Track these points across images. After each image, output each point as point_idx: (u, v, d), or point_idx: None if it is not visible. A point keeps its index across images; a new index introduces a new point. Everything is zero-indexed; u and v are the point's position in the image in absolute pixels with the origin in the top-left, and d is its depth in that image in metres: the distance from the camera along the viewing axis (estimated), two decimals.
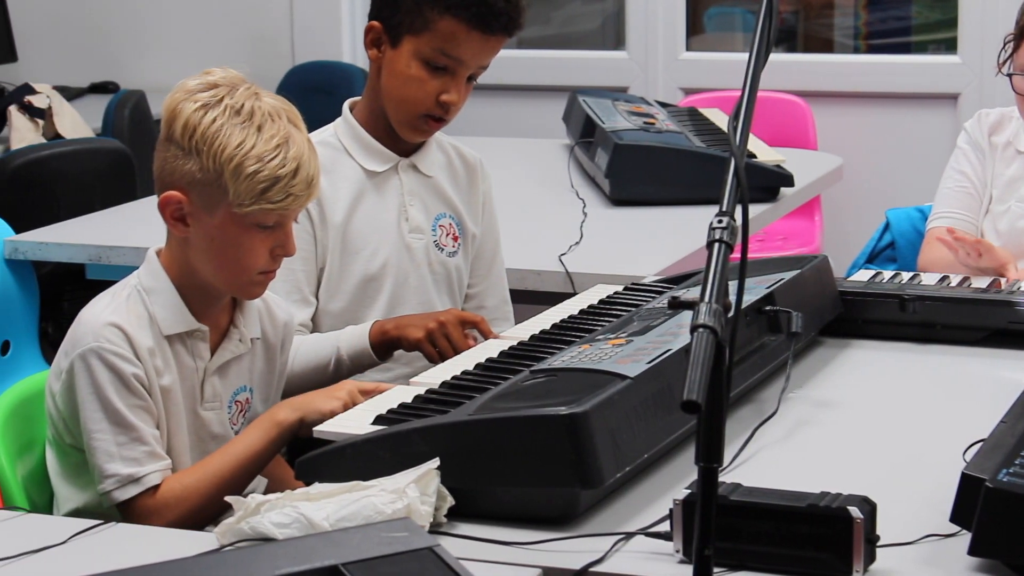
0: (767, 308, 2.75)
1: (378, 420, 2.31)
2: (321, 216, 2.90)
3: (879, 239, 3.90)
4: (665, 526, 2.05)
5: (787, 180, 4.27)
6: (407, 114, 2.92)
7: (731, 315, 1.72)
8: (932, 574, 1.98)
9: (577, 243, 3.70)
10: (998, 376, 2.83)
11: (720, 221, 1.78)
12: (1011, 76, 3.55)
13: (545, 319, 2.82)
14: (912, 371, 2.88)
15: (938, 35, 6.23)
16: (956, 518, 2.03)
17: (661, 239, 3.81)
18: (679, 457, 2.37)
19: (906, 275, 3.18)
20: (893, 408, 2.68)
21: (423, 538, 1.80)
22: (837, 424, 2.58)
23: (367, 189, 2.96)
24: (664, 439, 2.30)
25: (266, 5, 6.56)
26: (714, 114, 4.91)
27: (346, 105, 3.02)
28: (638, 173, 4.18)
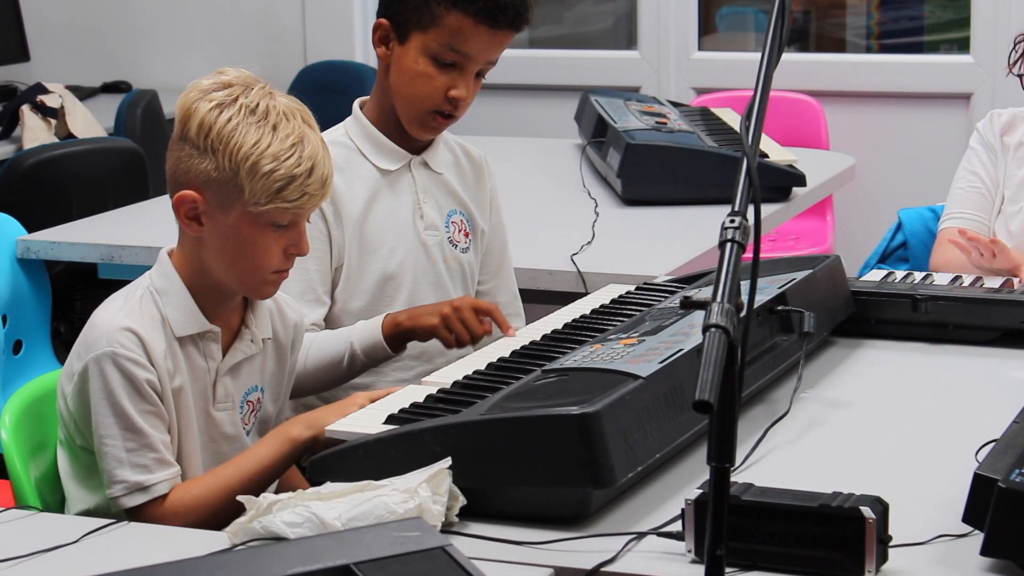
0: (779, 308, 2.74)
1: (390, 420, 2.31)
2: (336, 215, 2.90)
3: (891, 239, 3.89)
4: (677, 526, 2.05)
5: (799, 180, 4.27)
6: (416, 111, 2.92)
7: (743, 315, 1.72)
8: (944, 574, 1.98)
9: (589, 243, 3.70)
10: (1010, 376, 2.82)
11: (732, 221, 1.77)
12: (1021, 76, 3.55)
13: (557, 319, 2.82)
14: (924, 371, 2.87)
15: (951, 35, 6.22)
16: (968, 518, 2.03)
17: (673, 239, 3.81)
18: (691, 457, 2.37)
19: (918, 275, 3.18)
20: (905, 408, 2.68)
21: (435, 538, 1.80)
22: (849, 424, 2.57)
23: (381, 188, 2.96)
24: (676, 439, 2.30)
25: (278, 4, 6.55)
26: (726, 114, 4.90)
27: (356, 104, 3.02)
28: (650, 173, 4.18)
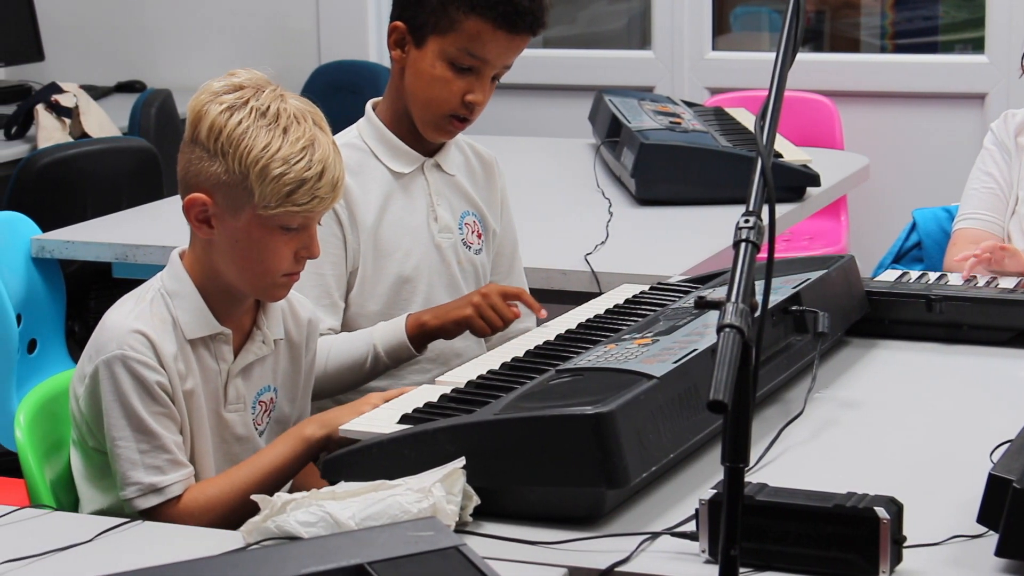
0: (793, 308, 2.74)
1: (404, 419, 2.31)
2: (351, 219, 2.89)
3: (906, 239, 3.88)
4: (691, 526, 2.05)
5: (814, 180, 4.26)
6: (433, 114, 2.91)
7: (758, 315, 1.72)
8: (959, 575, 1.98)
9: (603, 243, 3.70)
10: None
11: (747, 221, 1.77)
12: None
13: (571, 318, 2.82)
14: (939, 371, 2.87)
15: (965, 35, 6.21)
16: (983, 519, 2.03)
17: (687, 239, 3.80)
18: (705, 457, 2.37)
19: (933, 275, 3.17)
20: (920, 408, 2.67)
21: (449, 537, 1.80)
22: (863, 424, 2.57)
23: (395, 190, 2.96)
24: (690, 439, 2.30)
25: (292, 4, 6.56)
26: (740, 114, 4.90)
27: (369, 106, 3.02)
28: (664, 173, 4.18)
